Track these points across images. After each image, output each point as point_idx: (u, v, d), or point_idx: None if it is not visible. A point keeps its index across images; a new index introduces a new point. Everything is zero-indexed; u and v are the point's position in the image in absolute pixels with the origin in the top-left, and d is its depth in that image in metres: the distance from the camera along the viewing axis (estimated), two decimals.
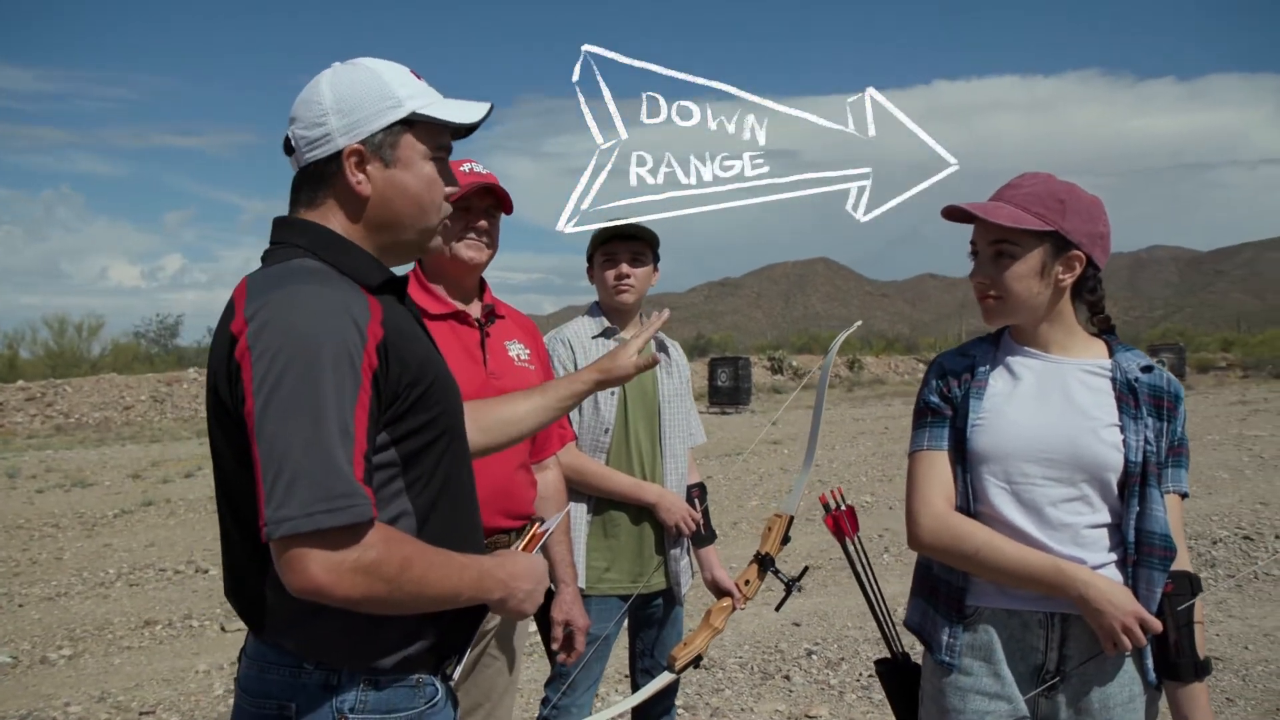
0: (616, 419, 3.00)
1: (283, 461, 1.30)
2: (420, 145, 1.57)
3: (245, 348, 1.36)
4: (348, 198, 1.55)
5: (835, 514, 2.36)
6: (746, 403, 24.79)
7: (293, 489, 1.29)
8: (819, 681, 5.03)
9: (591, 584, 2.96)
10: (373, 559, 1.33)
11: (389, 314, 1.48)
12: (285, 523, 1.28)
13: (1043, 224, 1.94)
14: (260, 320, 1.36)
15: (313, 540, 1.29)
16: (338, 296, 1.41)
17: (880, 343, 53.67)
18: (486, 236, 2.57)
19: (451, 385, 1.62)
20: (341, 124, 1.51)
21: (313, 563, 1.30)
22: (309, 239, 1.53)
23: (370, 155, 1.53)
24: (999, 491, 1.98)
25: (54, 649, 5.94)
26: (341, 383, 1.34)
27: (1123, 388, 1.98)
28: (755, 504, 10.46)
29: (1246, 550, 7.73)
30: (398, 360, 1.45)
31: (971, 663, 1.99)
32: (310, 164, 1.54)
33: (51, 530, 9.74)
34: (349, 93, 1.52)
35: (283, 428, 1.31)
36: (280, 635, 1.47)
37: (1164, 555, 1.91)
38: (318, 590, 1.31)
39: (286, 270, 1.45)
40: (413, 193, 1.57)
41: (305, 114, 1.53)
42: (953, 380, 2.08)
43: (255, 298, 1.40)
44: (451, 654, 1.62)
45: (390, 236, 1.59)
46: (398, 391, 1.46)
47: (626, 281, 3.03)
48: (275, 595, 1.42)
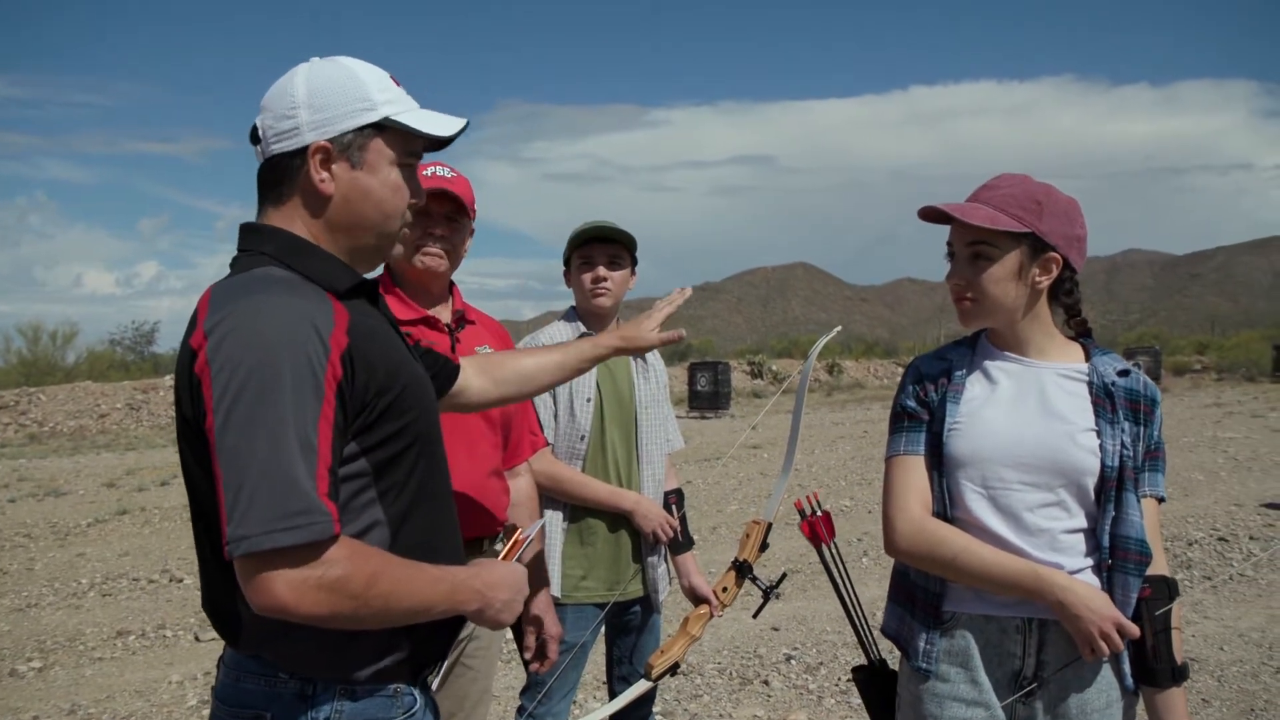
0: (593, 425, 2.97)
1: (242, 479, 1.27)
2: (389, 151, 1.55)
3: (204, 363, 1.33)
4: (310, 196, 1.52)
5: (811, 519, 2.34)
6: (726, 407, 24.79)
7: (251, 507, 1.26)
8: (797, 686, 5.01)
9: (568, 592, 2.93)
10: (336, 576, 1.30)
11: (357, 320, 1.45)
12: (243, 541, 1.26)
13: (1020, 225, 1.92)
14: (219, 334, 1.33)
15: (273, 559, 1.27)
16: (301, 306, 1.38)
17: (859, 347, 53.82)
18: (445, 243, 2.51)
19: (425, 390, 1.60)
20: (312, 119, 1.49)
21: (275, 581, 1.27)
22: (275, 245, 1.50)
23: (337, 154, 1.51)
24: (976, 497, 1.96)
25: (23, 661, 5.83)
26: (302, 396, 1.31)
27: (1099, 392, 1.97)
28: (735, 508, 10.45)
29: (1221, 551, 7.78)
30: (365, 368, 1.43)
31: (949, 669, 1.98)
32: (275, 156, 1.51)
33: (23, 540, 9.58)
34: (324, 88, 1.50)
35: (241, 444, 1.28)
36: (255, 648, 1.45)
37: (1139, 560, 1.90)
38: (281, 608, 1.28)
39: (250, 280, 1.42)
40: (376, 197, 1.54)
41: (276, 104, 1.50)
42: (929, 384, 2.06)
43: (216, 310, 1.37)
44: (429, 663, 1.60)
45: (350, 240, 1.56)
46: (365, 400, 1.43)
47: (603, 285, 3.00)
48: (248, 609, 1.39)
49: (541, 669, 2.71)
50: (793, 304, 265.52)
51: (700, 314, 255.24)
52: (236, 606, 1.42)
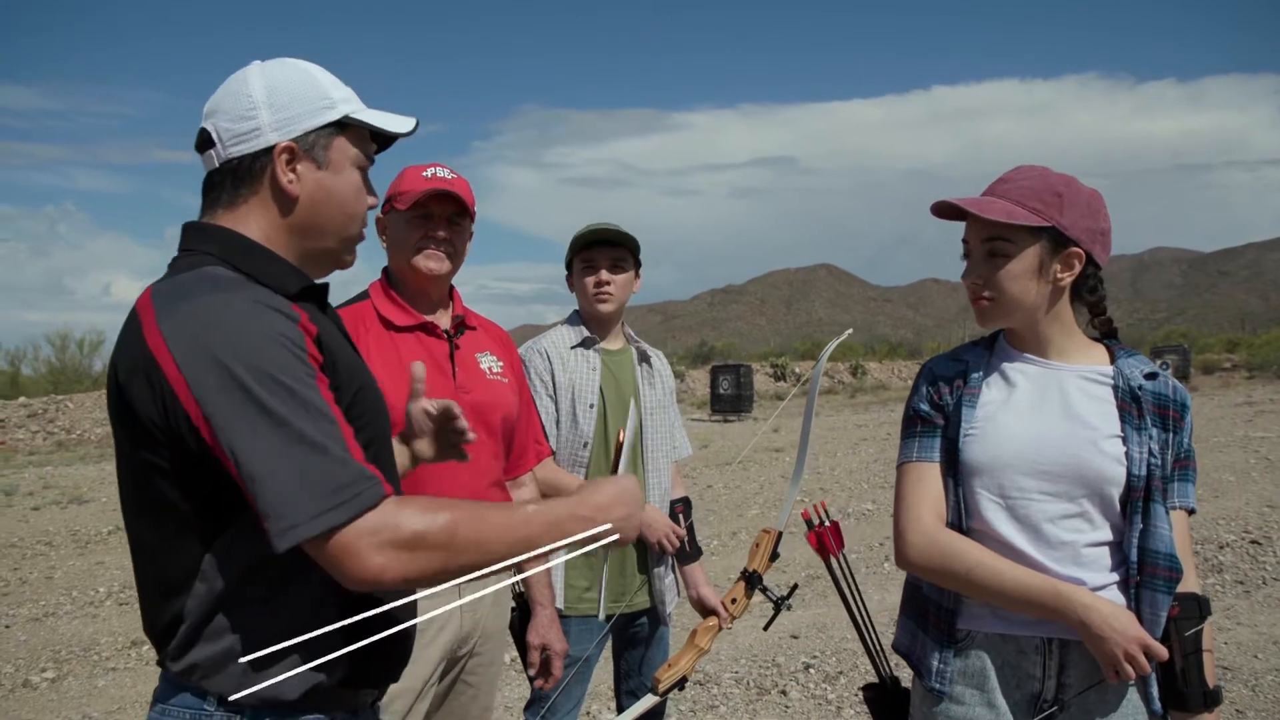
0: (596, 432, 2.88)
1: (271, 469, 1.21)
2: (352, 150, 1.50)
3: (176, 372, 1.26)
4: (276, 197, 1.46)
5: (819, 530, 2.24)
6: (749, 410, 24.69)
7: (291, 494, 1.20)
8: (816, 696, 4.89)
9: (571, 604, 2.84)
10: (410, 533, 1.23)
11: (313, 317, 1.39)
12: (293, 530, 1.20)
13: (1038, 219, 1.81)
14: (188, 335, 1.27)
15: (337, 536, 1.21)
16: (259, 298, 1.32)
17: (883, 348, 53.54)
18: (447, 245, 2.44)
19: (378, 395, 1.54)
20: (274, 119, 1.43)
21: (354, 554, 1.21)
22: (220, 246, 1.43)
23: (302, 154, 1.45)
24: (993, 506, 1.85)
25: (37, 671, 5.82)
26: (299, 376, 1.26)
27: (1125, 396, 1.86)
28: (755, 513, 10.33)
29: (1255, 555, 7.57)
30: (331, 359, 1.38)
31: (963, 690, 1.87)
32: (234, 159, 1.45)
33: (44, 549, 9.62)
34: (282, 88, 1.44)
35: (259, 435, 1.22)
36: (183, 666, 1.36)
37: (1169, 576, 1.78)
38: (373, 578, 1.22)
39: (199, 278, 1.35)
40: (340, 198, 1.49)
41: (231, 106, 1.44)
42: (944, 387, 1.96)
43: (169, 312, 1.30)
44: (372, 687, 1.51)
45: (311, 243, 1.50)
46: (335, 393, 1.36)
47: (606, 289, 2.91)
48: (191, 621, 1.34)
49: (546, 686, 2.63)
50: (816, 305, 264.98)
51: (723, 316, 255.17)
52: (170, 622, 1.36)
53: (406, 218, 2.42)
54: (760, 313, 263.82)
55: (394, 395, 2.29)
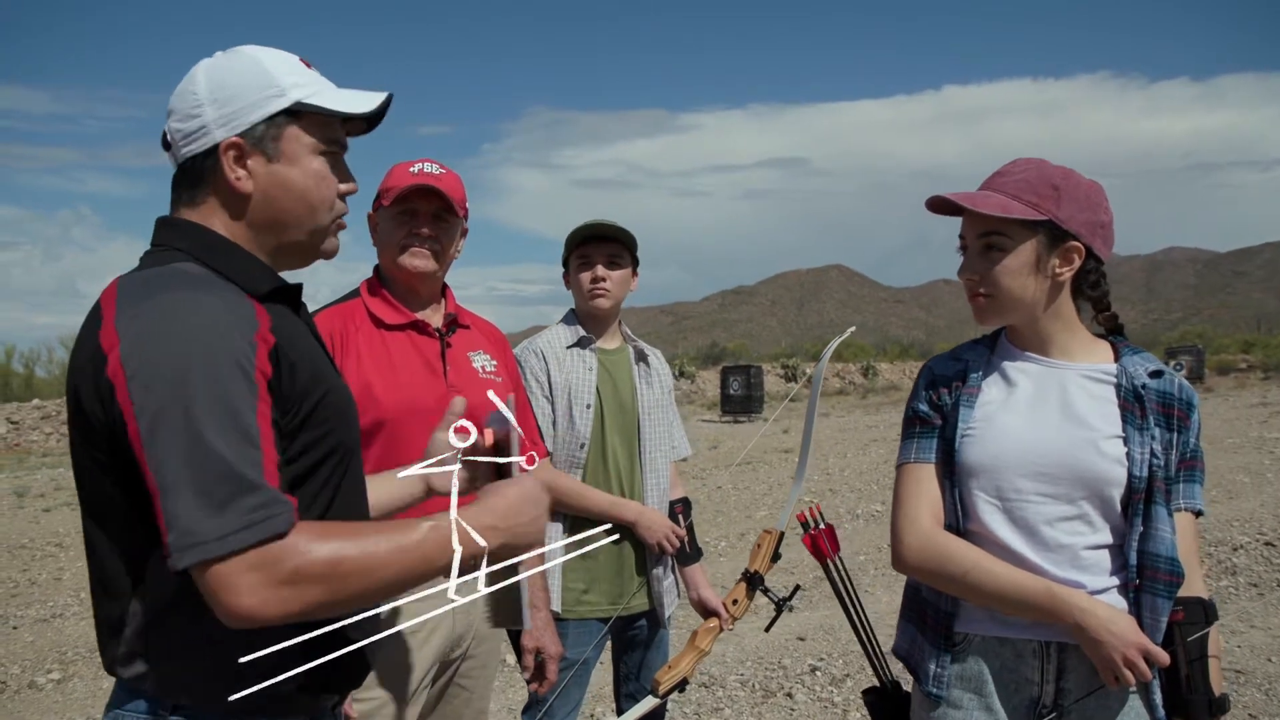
0: (593, 433, 2.84)
1: (181, 483, 1.16)
2: (307, 138, 1.43)
3: (118, 366, 1.22)
4: (228, 196, 1.42)
5: (814, 533, 2.20)
6: (759, 411, 24.61)
7: (198, 511, 1.15)
8: (822, 699, 4.85)
9: (569, 607, 2.80)
10: (293, 567, 1.17)
11: (278, 323, 1.34)
12: (194, 549, 1.15)
13: (1035, 213, 1.77)
14: (134, 334, 1.23)
15: (233, 561, 1.15)
16: (220, 304, 1.28)
17: (894, 349, 53.36)
18: (432, 243, 2.38)
19: (347, 402, 1.49)
20: (218, 115, 1.38)
21: (239, 586, 1.15)
22: (190, 242, 1.39)
23: (250, 149, 1.40)
24: (990, 508, 1.81)
25: (43, 673, 5.82)
26: (234, 393, 1.21)
27: (1128, 395, 1.81)
28: (764, 514, 10.28)
29: (1269, 557, 7.47)
30: (289, 369, 1.33)
31: (961, 695, 1.82)
32: (187, 160, 1.41)
33: (54, 550, 9.63)
34: (226, 81, 1.39)
35: (176, 447, 1.17)
36: (133, 668, 1.33)
37: (1169, 580, 1.73)
38: (249, 616, 1.16)
39: (162, 275, 1.32)
40: (299, 189, 1.43)
41: (180, 105, 1.40)
42: (943, 387, 1.92)
43: (127, 308, 1.26)
44: (333, 691, 1.47)
45: (276, 238, 1.45)
46: (289, 405, 1.32)
47: (602, 285, 2.87)
48: (135, 625, 1.31)
49: (541, 689, 2.59)
50: (827, 307, 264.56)
51: (734, 318, 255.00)
52: (120, 627, 1.33)
53: (392, 214, 2.38)
54: (771, 314, 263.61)
55: (385, 394, 2.27)
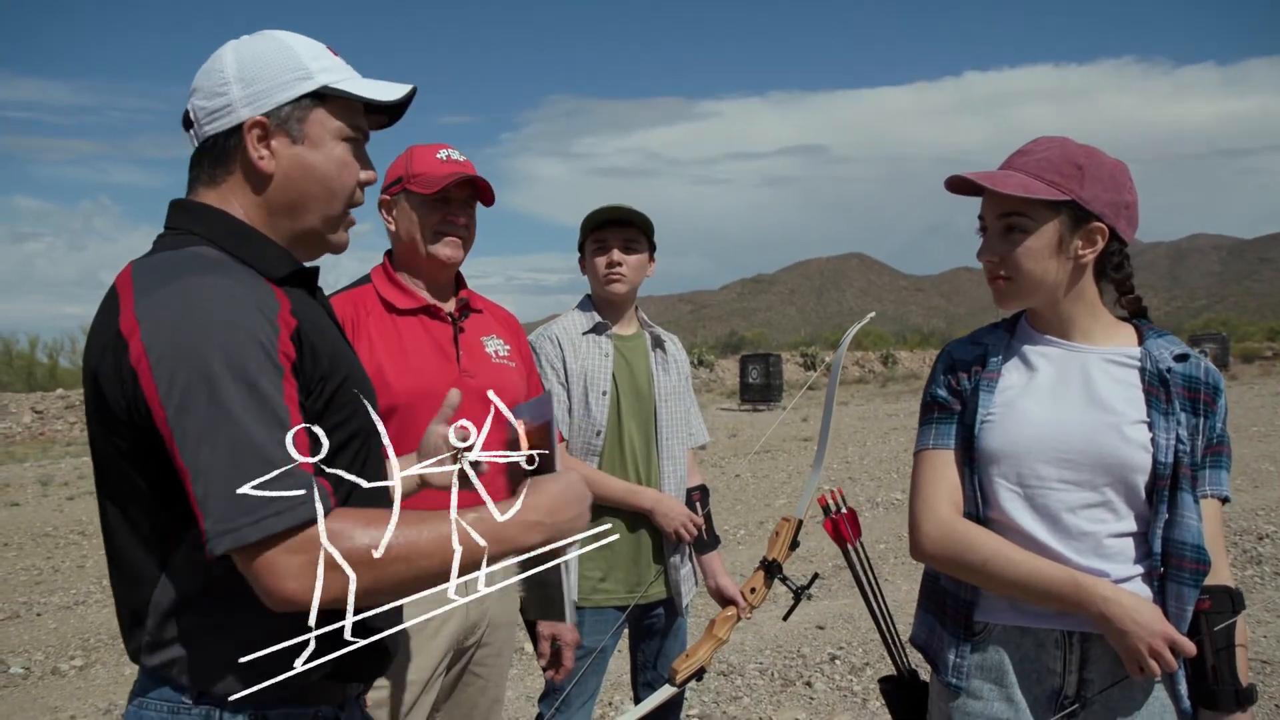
0: (609, 420, 2.82)
1: (215, 470, 1.16)
2: (333, 122, 1.43)
3: (141, 352, 1.21)
4: (250, 175, 1.40)
5: (835, 517, 2.17)
6: (778, 399, 24.54)
7: (232, 497, 1.14)
8: (841, 688, 4.82)
9: (585, 595, 2.79)
10: (338, 550, 1.15)
11: (297, 306, 1.33)
12: (229, 535, 1.14)
13: (1058, 193, 1.72)
14: (155, 320, 1.22)
15: (272, 545, 1.15)
16: (239, 287, 1.26)
17: (915, 337, 53.09)
18: (465, 230, 2.42)
19: (367, 385, 1.48)
20: (244, 94, 1.38)
21: (280, 570, 1.15)
22: (207, 225, 1.38)
23: (275, 129, 1.39)
24: (1010, 495, 1.77)
25: (66, 659, 5.87)
26: (261, 376, 1.20)
27: (1152, 379, 1.76)
28: (782, 502, 10.25)
29: None
30: (311, 351, 1.32)
31: (981, 685, 1.79)
32: (209, 138, 1.40)
33: (77, 538, 9.73)
34: (254, 61, 1.39)
35: (208, 434, 1.17)
36: (158, 662, 1.32)
37: (1195, 569, 1.69)
38: (293, 600, 1.16)
39: (179, 259, 1.30)
40: (320, 173, 1.42)
41: (205, 83, 1.40)
42: (962, 372, 1.88)
43: (145, 293, 1.25)
44: (356, 680, 1.47)
45: (292, 223, 1.44)
46: (312, 387, 1.32)
47: (618, 270, 2.84)
48: (159, 614, 1.30)
49: (557, 677, 2.58)
50: (847, 295, 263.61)
51: (753, 306, 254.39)
52: (144, 616, 1.32)
53: (422, 201, 2.37)
54: (790, 302, 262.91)
55: (396, 379, 2.25)
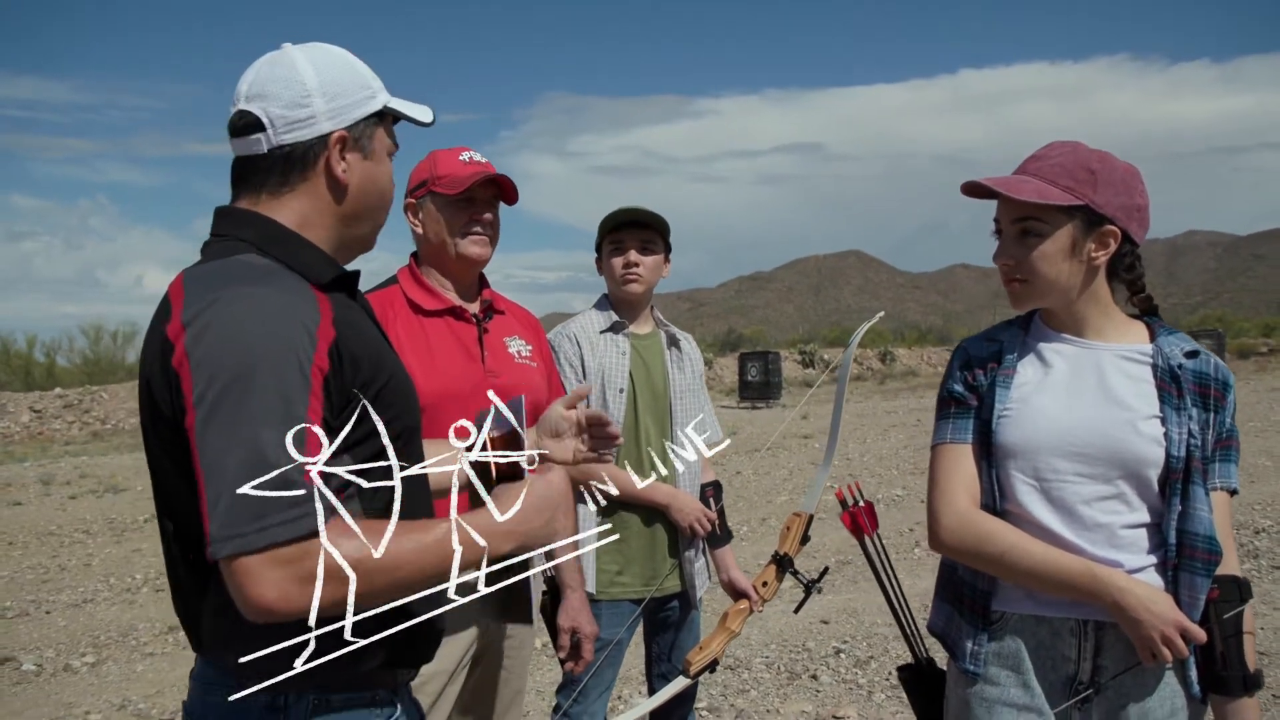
0: (626, 416, 2.88)
1: (225, 475, 1.19)
2: (387, 140, 1.54)
3: (183, 356, 1.26)
4: (329, 185, 1.47)
5: (853, 510, 2.23)
6: (777, 397, 24.62)
7: (237, 503, 1.18)
8: (847, 681, 4.89)
9: (603, 588, 2.85)
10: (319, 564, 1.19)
11: (340, 313, 1.38)
12: (231, 540, 1.18)
13: (1072, 198, 1.78)
14: (199, 325, 1.27)
15: (265, 556, 1.18)
16: (284, 298, 1.31)
17: (912, 334, 53.19)
18: (491, 229, 2.47)
19: (410, 387, 1.54)
20: (329, 107, 1.45)
21: (263, 581, 1.18)
22: (255, 232, 1.43)
23: (351, 144, 1.48)
24: (1027, 489, 1.83)
25: (77, 656, 5.91)
26: (288, 391, 1.24)
27: (1164, 375, 1.82)
28: (784, 499, 10.30)
29: None
30: (350, 361, 1.36)
31: (998, 672, 1.85)
32: (286, 146, 1.44)
33: (82, 536, 9.77)
34: (333, 76, 1.46)
35: (225, 439, 1.21)
36: (220, 653, 1.37)
37: (1207, 558, 1.75)
38: (269, 610, 1.20)
39: (228, 268, 1.35)
40: (381, 187, 1.54)
41: (284, 92, 1.44)
42: (978, 368, 1.93)
43: (195, 300, 1.30)
44: (408, 666, 1.53)
45: (352, 230, 1.53)
46: (351, 395, 1.36)
47: (634, 270, 2.90)
48: (215, 611, 1.34)
49: (576, 669, 2.63)
50: (845, 292, 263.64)
51: (751, 304, 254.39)
52: (201, 608, 1.37)
53: (450, 202, 2.41)
54: (788, 300, 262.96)
55: (423, 380, 2.30)
